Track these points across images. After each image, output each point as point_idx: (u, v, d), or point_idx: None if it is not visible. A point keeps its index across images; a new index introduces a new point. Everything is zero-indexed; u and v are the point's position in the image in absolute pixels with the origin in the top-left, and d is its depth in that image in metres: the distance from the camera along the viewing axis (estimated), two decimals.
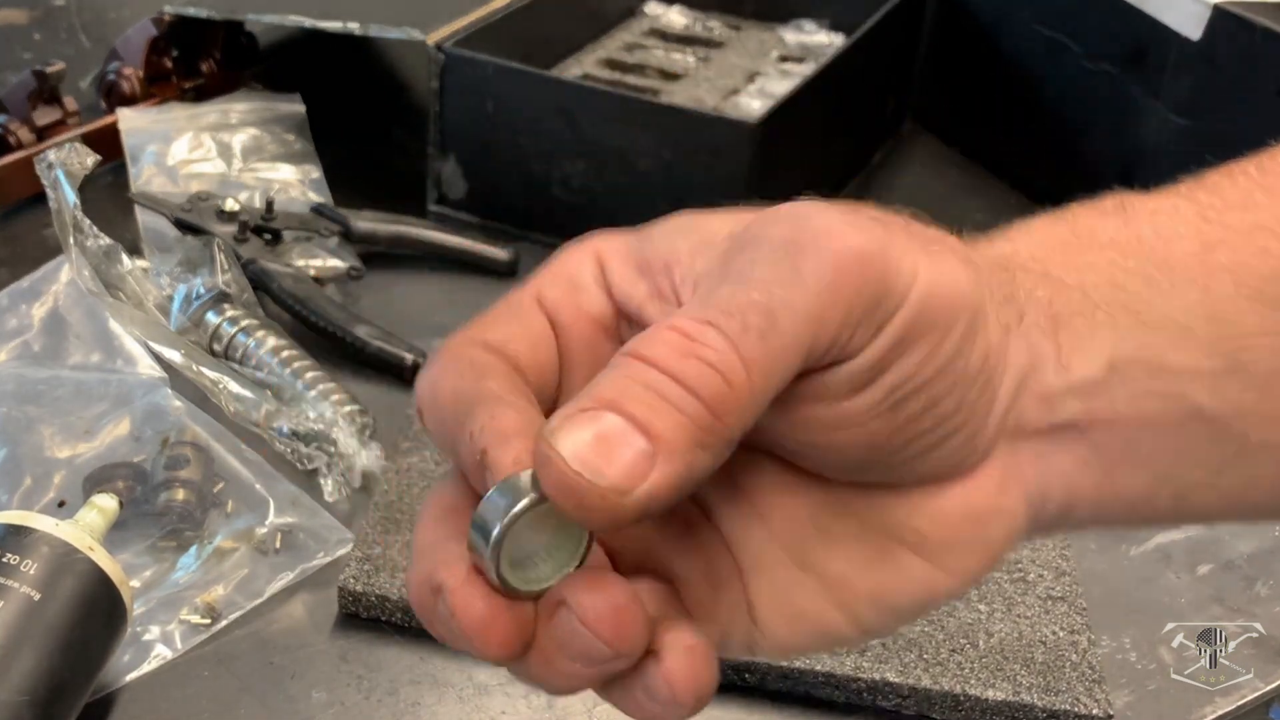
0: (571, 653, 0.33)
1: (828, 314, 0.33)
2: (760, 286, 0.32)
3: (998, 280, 0.37)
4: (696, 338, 0.31)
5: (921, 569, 0.38)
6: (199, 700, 0.61)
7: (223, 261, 0.83)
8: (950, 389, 0.36)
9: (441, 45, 0.92)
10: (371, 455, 0.72)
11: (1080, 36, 0.99)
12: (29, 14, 1.22)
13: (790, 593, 0.38)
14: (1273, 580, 0.72)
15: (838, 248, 0.33)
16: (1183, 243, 0.39)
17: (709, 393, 0.31)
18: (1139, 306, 0.38)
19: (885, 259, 0.34)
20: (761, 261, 0.33)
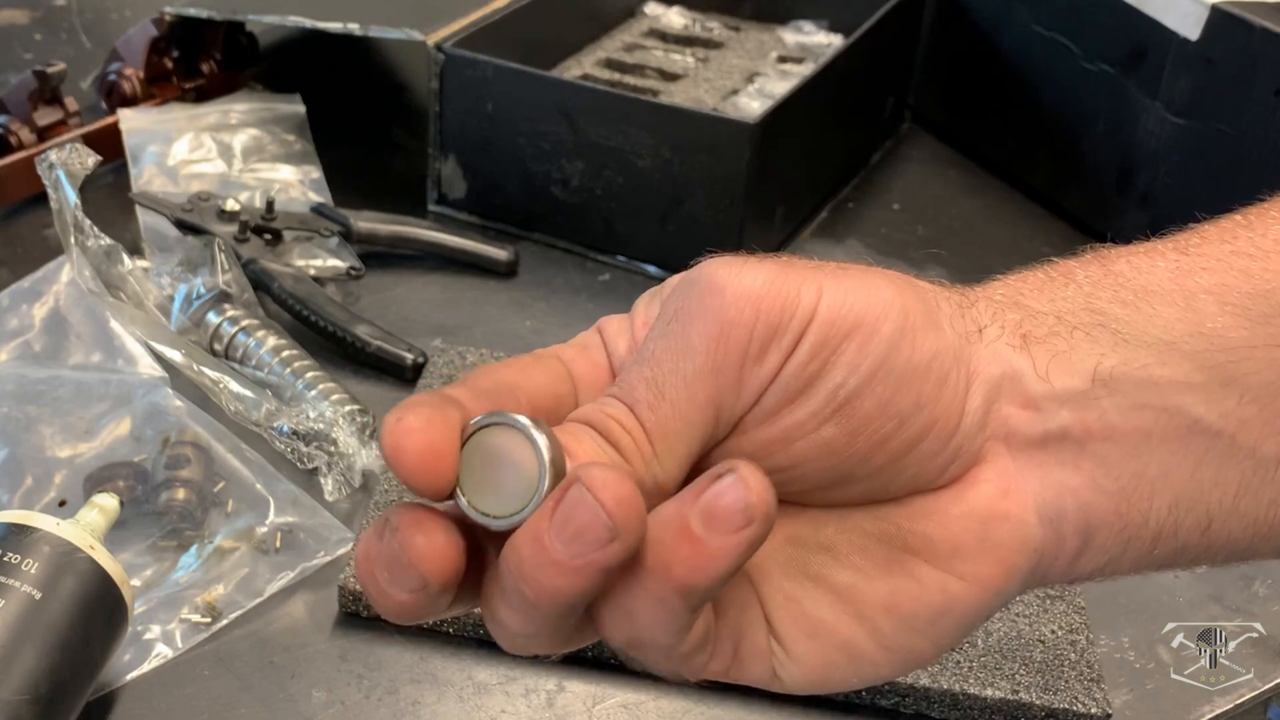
0: (575, 529, 0.33)
1: (721, 365, 0.36)
2: (653, 362, 0.37)
3: (945, 297, 0.39)
4: (608, 405, 0.37)
5: (933, 575, 0.38)
6: (199, 699, 0.61)
7: (223, 261, 0.83)
8: (899, 386, 0.37)
9: (441, 45, 0.92)
10: (371, 455, 0.72)
11: (1079, 37, 1.00)
12: (30, 14, 1.22)
13: (805, 603, 0.39)
14: (1271, 580, 0.72)
15: (720, 303, 0.37)
16: (1158, 272, 0.40)
17: (617, 441, 0.36)
18: (1118, 326, 0.39)
19: (777, 291, 0.37)
20: (657, 337, 0.37)
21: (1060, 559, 0.39)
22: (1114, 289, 0.39)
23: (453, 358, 0.80)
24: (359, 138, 1.05)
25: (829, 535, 0.39)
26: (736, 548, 0.34)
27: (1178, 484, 0.39)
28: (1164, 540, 0.39)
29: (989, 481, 0.38)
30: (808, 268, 0.38)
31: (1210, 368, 0.38)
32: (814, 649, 0.39)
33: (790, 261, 0.38)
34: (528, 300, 0.89)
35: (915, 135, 1.14)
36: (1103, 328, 0.39)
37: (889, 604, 0.39)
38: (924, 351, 0.37)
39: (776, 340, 0.36)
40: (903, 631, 0.39)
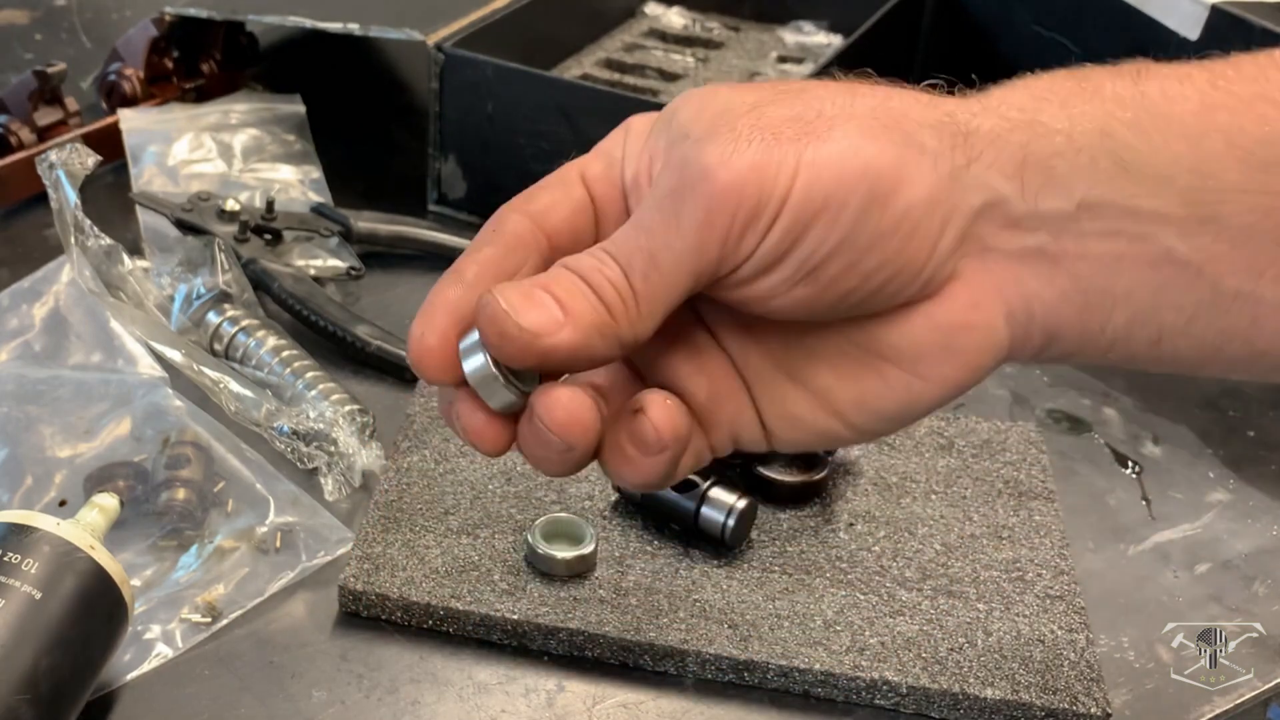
0: (540, 446, 0.43)
1: (705, 244, 0.42)
2: (649, 232, 0.42)
3: (935, 133, 0.42)
4: (605, 265, 0.42)
5: (899, 377, 0.44)
6: (199, 699, 0.61)
7: (223, 261, 0.83)
8: (865, 250, 0.42)
9: (441, 46, 0.92)
10: (371, 454, 0.72)
11: (1079, 37, 1.00)
12: (30, 14, 1.22)
13: (786, 403, 0.46)
14: (1271, 580, 0.72)
15: (709, 190, 0.41)
16: (1185, 103, 0.42)
17: (608, 300, 0.42)
18: (1125, 154, 0.42)
19: (760, 177, 0.41)
20: (653, 209, 0.42)
21: (1024, 352, 0.44)
22: (1136, 111, 0.42)
23: None
24: (359, 138, 1.05)
25: (811, 343, 0.45)
26: (661, 464, 0.43)
27: (1138, 302, 0.43)
28: (1117, 347, 0.44)
29: (958, 297, 0.43)
30: (793, 136, 0.42)
31: (1196, 204, 0.42)
32: (796, 436, 0.46)
33: (779, 127, 0.42)
34: None
35: None
36: (1108, 154, 0.42)
37: (859, 401, 0.45)
38: (893, 214, 0.41)
39: (753, 225, 0.41)
40: (871, 420, 0.46)
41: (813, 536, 0.70)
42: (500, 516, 0.69)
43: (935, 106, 0.43)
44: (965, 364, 0.44)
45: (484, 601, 0.64)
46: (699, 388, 0.45)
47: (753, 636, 0.64)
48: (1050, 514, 0.73)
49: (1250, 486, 0.79)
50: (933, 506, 0.72)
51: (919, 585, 0.67)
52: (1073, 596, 0.67)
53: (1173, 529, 0.75)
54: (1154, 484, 0.78)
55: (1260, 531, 0.75)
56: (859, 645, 0.64)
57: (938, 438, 0.77)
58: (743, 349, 0.46)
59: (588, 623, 0.64)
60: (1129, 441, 0.81)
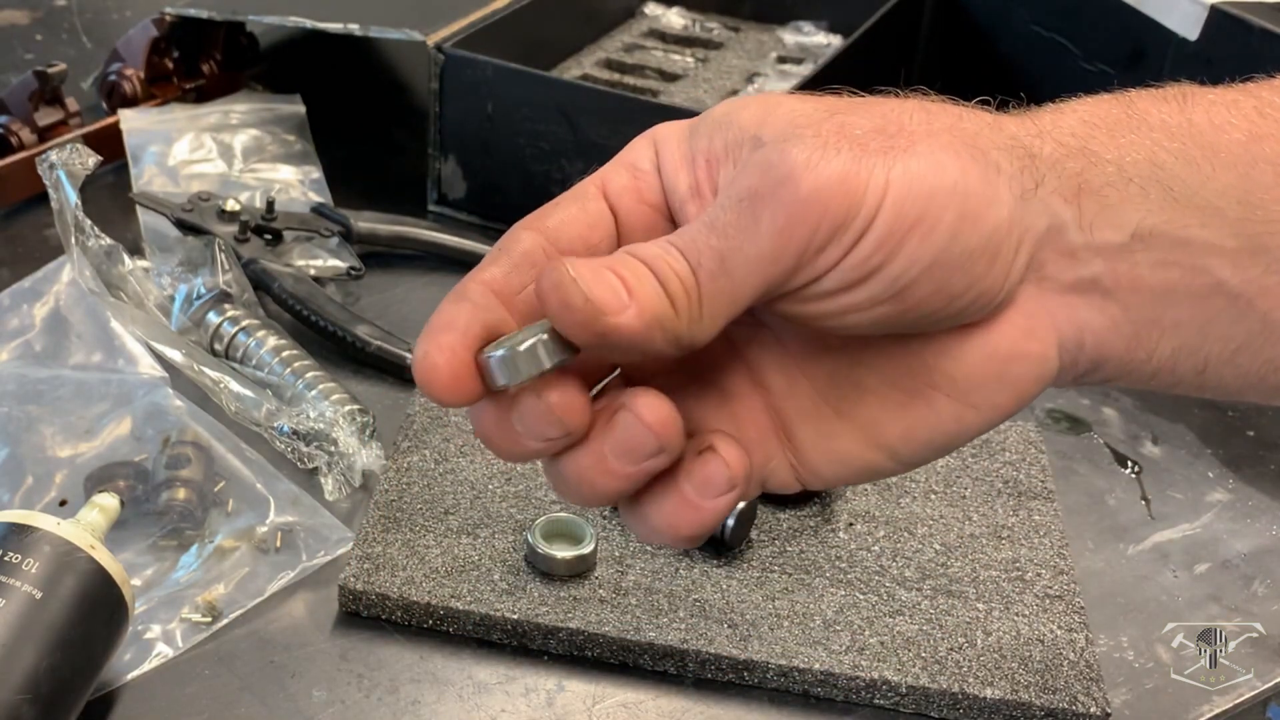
0: (623, 448, 0.40)
1: (782, 252, 0.39)
2: (722, 233, 0.40)
3: (1008, 155, 0.42)
4: (672, 259, 0.39)
5: (949, 407, 0.43)
6: (200, 699, 0.61)
7: (223, 261, 0.83)
8: (955, 270, 0.40)
9: (441, 46, 0.92)
10: (372, 454, 0.72)
11: (1078, 37, 1.00)
12: (30, 14, 1.22)
13: (831, 439, 0.44)
14: (1270, 579, 0.72)
15: (793, 196, 0.39)
16: (1233, 131, 0.42)
17: (674, 293, 0.39)
18: (1173, 184, 0.42)
19: (849, 188, 0.39)
20: (728, 209, 0.40)
21: (1068, 378, 0.44)
22: (1183, 141, 0.42)
23: None
24: (359, 138, 1.05)
25: (860, 374, 0.43)
26: (725, 506, 0.41)
27: (1187, 333, 0.43)
28: (1161, 375, 0.44)
29: (1015, 324, 0.42)
30: (880, 149, 0.40)
31: (1247, 235, 0.41)
32: (836, 472, 0.44)
33: (865, 139, 0.41)
34: None
35: None
36: (1158, 184, 0.42)
37: (907, 433, 0.43)
38: (981, 234, 0.40)
39: (838, 237, 0.39)
40: (917, 451, 0.44)
41: (812, 536, 0.70)
42: (500, 516, 0.69)
43: (1000, 128, 0.43)
44: (1016, 393, 0.43)
45: (484, 601, 0.64)
46: (737, 430, 0.43)
47: (752, 636, 0.64)
48: (1050, 514, 0.73)
49: (1249, 486, 0.79)
50: (932, 506, 0.73)
51: (918, 585, 0.68)
52: (1072, 596, 0.68)
53: (1172, 529, 0.75)
54: (1153, 484, 0.78)
55: (1259, 531, 0.76)
56: (858, 645, 0.64)
57: None
58: (788, 384, 0.44)
59: (588, 622, 0.64)
60: (1128, 441, 0.81)
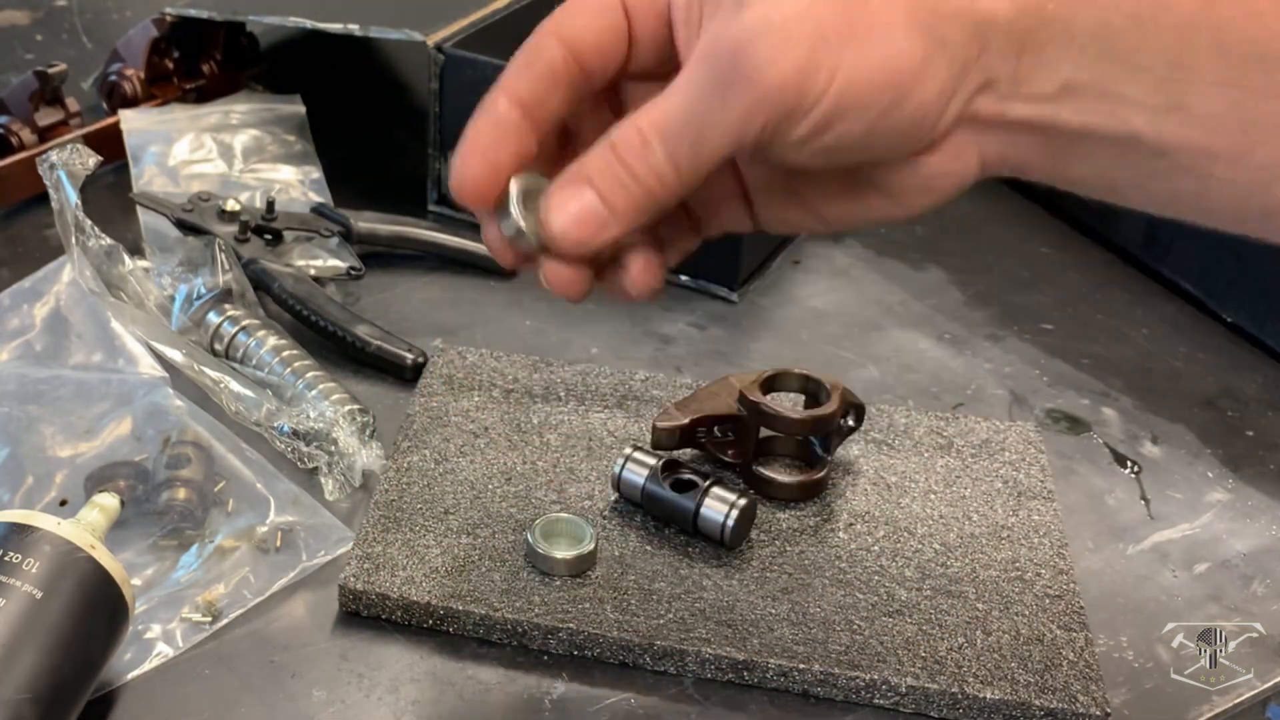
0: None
1: (746, 129, 0.48)
2: (695, 114, 0.48)
3: (959, 25, 0.48)
4: (650, 151, 0.49)
5: (880, 202, 0.53)
6: (200, 698, 0.61)
7: (224, 261, 0.83)
8: (879, 136, 0.49)
9: (441, 46, 0.92)
10: (372, 454, 0.72)
11: None
12: (31, 15, 1.22)
13: (782, 210, 0.55)
14: (1270, 579, 0.72)
15: (758, 88, 0.47)
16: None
17: (650, 187, 0.49)
18: (1114, 42, 0.47)
19: (802, 80, 0.47)
20: (700, 88, 0.48)
21: (987, 178, 0.52)
22: (1139, 4, 0.48)
23: (453, 358, 0.80)
24: (359, 138, 1.05)
25: (818, 174, 0.53)
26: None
27: (1101, 162, 0.50)
28: (1077, 186, 0.52)
29: (944, 153, 0.50)
30: (838, 39, 0.47)
31: (1169, 94, 0.47)
32: (780, 229, 0.58)
33: (827, 26, 0.47)
34: (528, 300, 0.89)
35: None
36: (1098, 42, 0.47)
37: (844, 216, 0.55)
38: (909, 111, 0.48)
39: (790, 118, 0.47)
40: (847, 225, 0.58)
41: (812, 536, 0.70)
42: (500, 516, 0.69)
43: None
44: (938, 196, 0.52)
45: (484, 601, 0.64)
46: (709, 196, 0.54)
47: (752, 636, 0.64)
48: (1049, 514, 0.73)
49: (1249, 486, 0.79)
50: (932, 506, 0.73)
51: (918, 585, 0.68)
52: (1072, 596, 0.68)
53: (1172, 529, 0.75)
54: (1153, 484, 0.79)
55: (1259, 531, 0.76)
56: (858, 645, 0.64)
57: (937, 437, 0.77)
58: (753, 169, 0.54)
59: (587, 622, 0.64)
60: (1128, 441, 0.82)
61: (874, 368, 0.85)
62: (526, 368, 0.80)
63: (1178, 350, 0.90)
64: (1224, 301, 0.92)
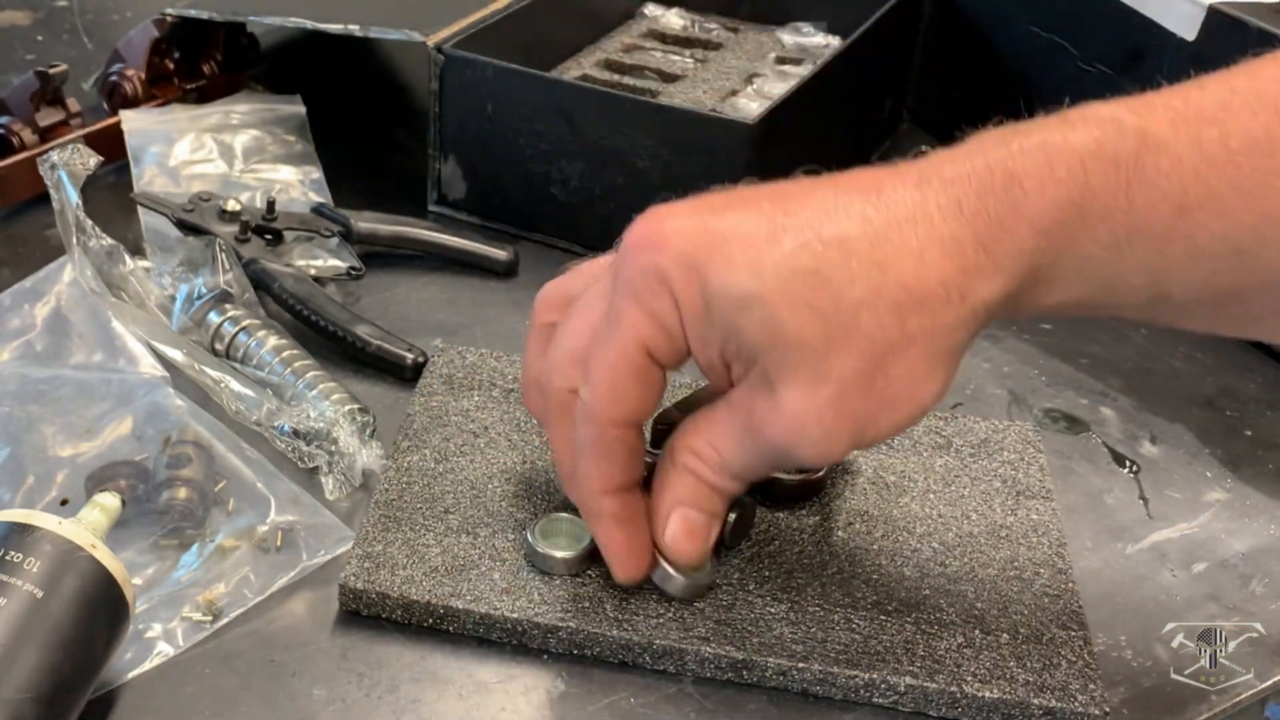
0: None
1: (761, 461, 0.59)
2: (750, 461, 0.59)
3: (966, 332, 0.55)
4: (722, 474, 0.60)
5: None
6: (200, 697, 0.61)
7: (224, 261, 0.83)
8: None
9: (441, 47, 0.92)
10: (372, 454, 0.72)
11: (1077, 38, 1.00)
12: (32, 15, 1.23)
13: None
14: (1269, 579, 0.73)
15: (788, 458, 0.57)
16: (1163, 206, 0.52)
17: (730, 488, 0.61)
18: (1097, 272, 0.54)
19: (820, 452, 0.56)
20: (751, 452, 0.58)
21: None
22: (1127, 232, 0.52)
23: (453, 357, 0.80)
24: (359, 138, 1.05)
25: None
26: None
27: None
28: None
29: None
30: (874, 413, 0.55)
31: (1150, 294, 0.54)
32: None
33: (859, 414, 0.55)
34: (528, 300, 0.88)
35: (913, 136, 1.15)
36: (1083, 276, 0.54)
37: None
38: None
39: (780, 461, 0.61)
40: None
41: (812, 536, 0.70)
42: (500, 515, 0.69)
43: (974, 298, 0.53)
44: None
45: (484, 600, 0.65)
46: None
47: (751, 635, 0.64)
48: (1048, 513, 0.73)
49: (1248, 486, 0.79)
50: (931, 506, 0.73)
51: (917, 584, 0.68)
52: (1070, 595, 0.68)
53: (1170, 528, 0.75)
54: (1152, 483, 0.79)
55: (1258, 531, 0.76)
56: (857, 644, 0.64)
57: (935, 437, 0.77)
58: None
59: (587, 621, 0.64)
60: (1126, 441, 0.82)
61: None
62: None
63: (1176, 350, 0.90)
64: None
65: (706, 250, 0.54)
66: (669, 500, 0.60)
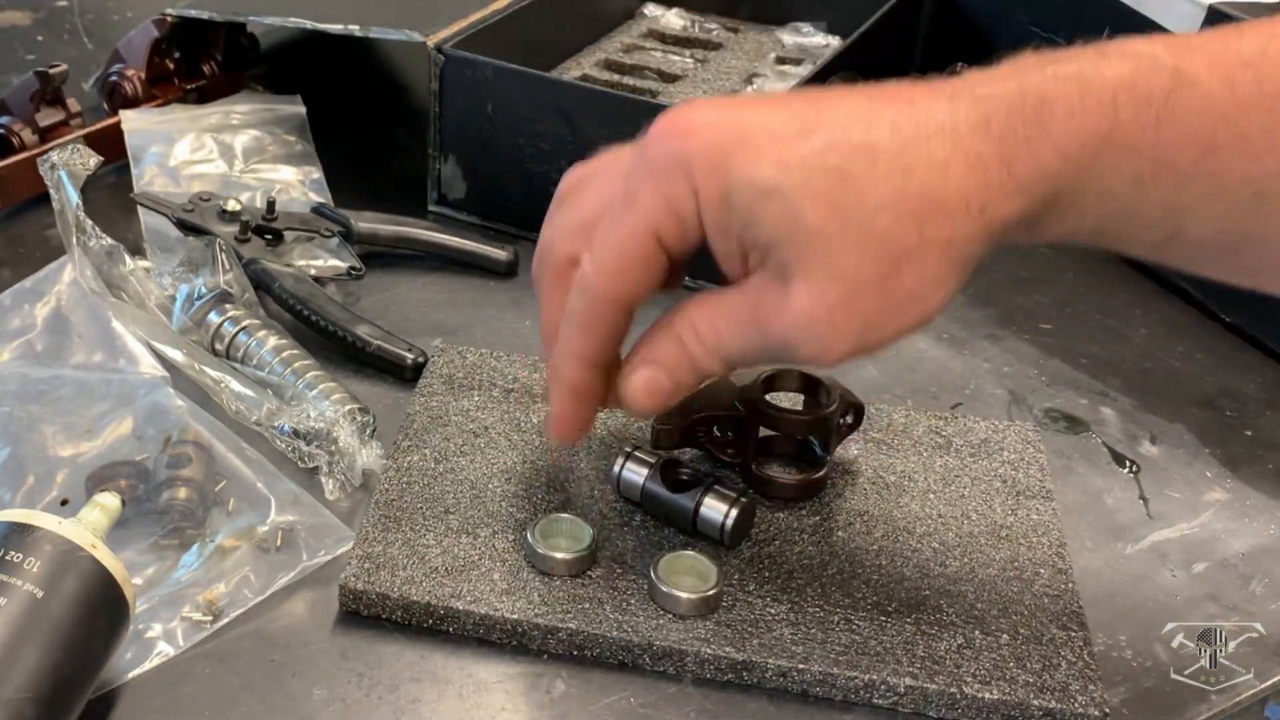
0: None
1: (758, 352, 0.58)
2: (748, 348, 0.58)
3: (981, 245, 0.54)
4: (709, 354, 0.59)
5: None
6: (200, 697, 0.61)
7: (224, 261, 0.83)
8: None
9: (441, 47, 0.92)
10: (372, 454, 0.72)
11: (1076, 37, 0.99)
12: (32, 15, 1.23)
13: None
14: (1268, 579, 0.73)
15: (807, 362, 0.56)
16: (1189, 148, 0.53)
17: (706, 367, 0.60)
18: (1116, 205, 0.54)
19: (846, 359, 0.55)
20: (754, 341, 0.57)
21: None
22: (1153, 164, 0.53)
23: (453, 357, 0.80)
24: (359, 138, 1.06)
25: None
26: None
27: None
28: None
29: None
30: (884, 317, 0.54)
31: (1165, 231, 0.55)
32: None
33: (868, 313, 0.54)
34: (528, 300, 0.89)
35: None
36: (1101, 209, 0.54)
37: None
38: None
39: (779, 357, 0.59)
40: None
41: (811, 536, 0.70)
42: (500, 516, 0.69)
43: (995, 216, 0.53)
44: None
45: (484, 601, 0.65)
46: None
47: (751, 636, 0.64)
48: (1048, 513, 0.73)
49: (1247, 486, 0.79)
50: (931, 506, 0.73)
51: (917, 584, 0.68)
52: (1070, 595, 0.68)
53: (1170, 528, 0.75)
54: (1151, 483, 0.79)
55: (1258, 530, 0.76)
56: (857, 645, 0.64)
57: (935, 437, 0.77)
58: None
59: (587, 622, 0.64)
60: (1126, 441, 0.82)
61: (873, 367, 0.85)
62: (526, 367, 0.80)
63: (1176, 350, 0.90)
64: (1223, 301, 0.92)
65: (733, 141, 0.54)
66: (645, 355, 0.60)
